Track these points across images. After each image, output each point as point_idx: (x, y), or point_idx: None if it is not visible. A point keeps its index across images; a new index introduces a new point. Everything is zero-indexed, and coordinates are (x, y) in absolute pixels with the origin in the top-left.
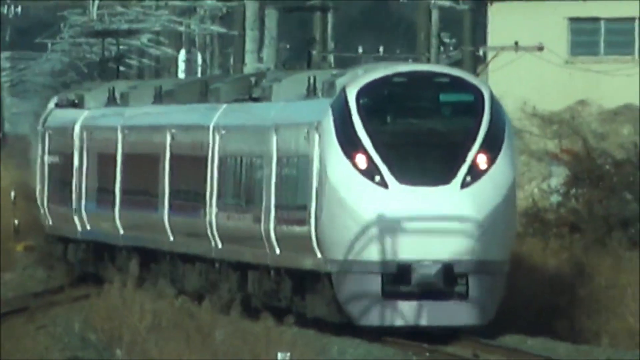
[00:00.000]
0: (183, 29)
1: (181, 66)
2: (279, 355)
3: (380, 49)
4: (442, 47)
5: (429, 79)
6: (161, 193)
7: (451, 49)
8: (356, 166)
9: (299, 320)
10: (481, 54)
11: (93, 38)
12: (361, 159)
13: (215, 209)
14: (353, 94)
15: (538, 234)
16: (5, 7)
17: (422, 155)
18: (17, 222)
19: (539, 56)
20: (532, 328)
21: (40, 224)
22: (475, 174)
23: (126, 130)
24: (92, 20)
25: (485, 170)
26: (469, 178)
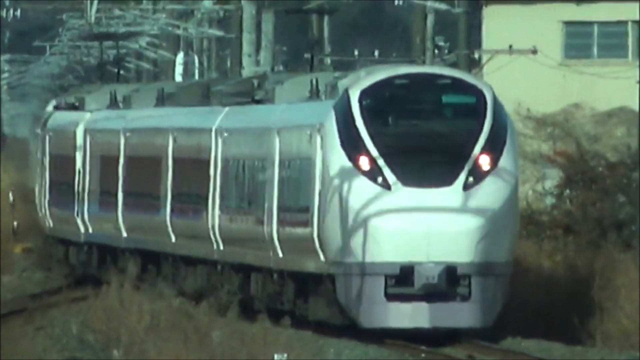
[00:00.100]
0: (180, 32)
1: (178, 69)
2: (276, 356)
3: (376, 53)
4: (437, 50)
5: (431, 80)
6: (164, 195)
7: (446, 52)
8: (359, 168)
9: (295, 321)
10: (476, 56)
11: (92, 41)
12: (364, 161)
13: (217, 211)
14: (355, 95)
15: (532, 236)
16: (4, 11)
17: (425, 157)
18: (16, 224)
19: (533, 59)
20: (527, 329)
21: (39, 226)
22: (477, 175)
23: (129, 133)
24: (90, 24)
25: (488, 171)
26: (472, 179)
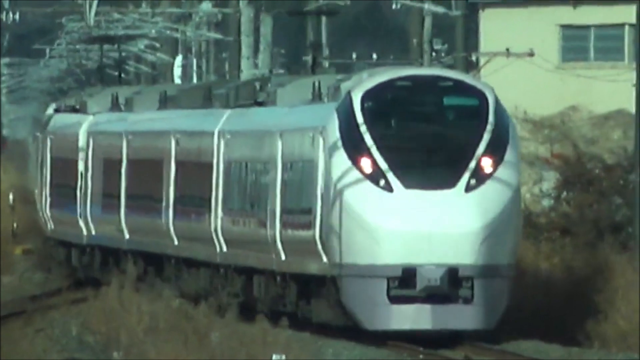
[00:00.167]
0: (179, 35)
1: (177, 72)
2: (274, 356)
3: (374, 55)
4: (435, 53)
5: (434, 82)
6: (166, 198)
7: (443, 54)
8: (361, 170)
9: (294, 322)
10: (474, 59)
11: (92, 44)
12: (366, 163)
13: (220, 213)
14: (358, 98)
15: (530, 237)
16: (4, 14)
17: (427, 159)
18: (16, 226)
19: (530, 62)
20: (524, 331)
21: (39, 228)
22: (480, 177)
23: (131, 136)
24: (90, 27)
25: (490, 173)
26: (474, 182)
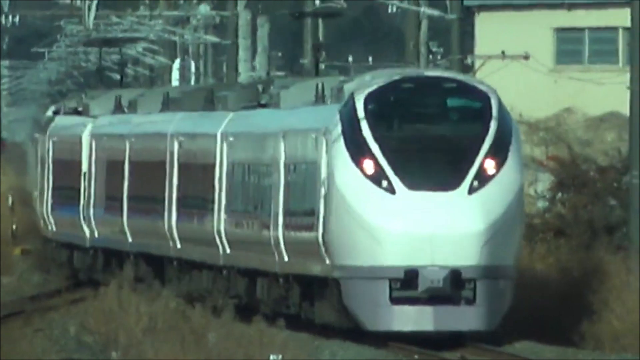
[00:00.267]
0: (177, 38)
1: (175, 74)
2: (271, 357)
3: (370, 58)
4: (431, 56)
5: (437, 84)
6: (169, 200)
7: (439, 57)
8: (364, 172)
9: (291, 323)
10: (469, 62)
11: (91, 47)
12: (369, 165)
13: (223, 215)
14: (361, 99)
15: (525, 238)
16: (3, 17)
17: (430, 161)
18: (15, 227)
19: (525, 65)
20: (519, 331)
21: (37, 229)
22: (482, 179)
23: (134, 138)
24: (88, 30)
25: (493, 175)
26: (477, 183)
